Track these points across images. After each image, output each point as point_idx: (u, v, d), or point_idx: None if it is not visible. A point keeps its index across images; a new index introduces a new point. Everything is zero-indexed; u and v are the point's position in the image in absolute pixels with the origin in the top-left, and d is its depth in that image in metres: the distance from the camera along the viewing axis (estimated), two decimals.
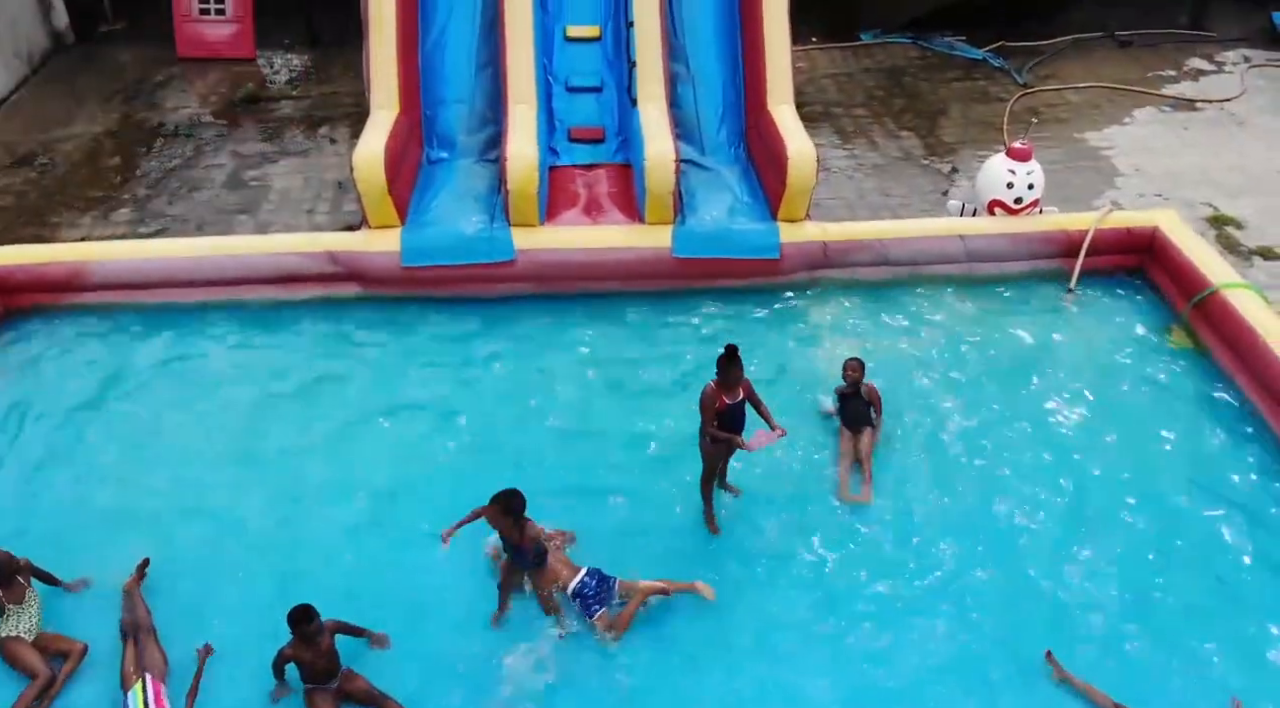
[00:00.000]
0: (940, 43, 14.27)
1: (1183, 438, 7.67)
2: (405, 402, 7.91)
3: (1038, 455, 7.49)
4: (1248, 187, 11.25)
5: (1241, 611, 6.36)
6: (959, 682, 5.96)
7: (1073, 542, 6.81)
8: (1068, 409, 7.94)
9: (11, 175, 11.20)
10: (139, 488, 7.16)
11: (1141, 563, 6.68)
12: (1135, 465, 7.40)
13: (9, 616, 6.08)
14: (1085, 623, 6.30)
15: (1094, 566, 6.65)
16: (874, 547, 6.79)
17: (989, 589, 6.50)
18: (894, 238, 8.96)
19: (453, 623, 6.23)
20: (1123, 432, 7.68)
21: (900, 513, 7.03)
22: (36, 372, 8.18)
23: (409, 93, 9.55)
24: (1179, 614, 6.36)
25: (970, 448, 7.55)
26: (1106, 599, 6.44)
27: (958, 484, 7.24)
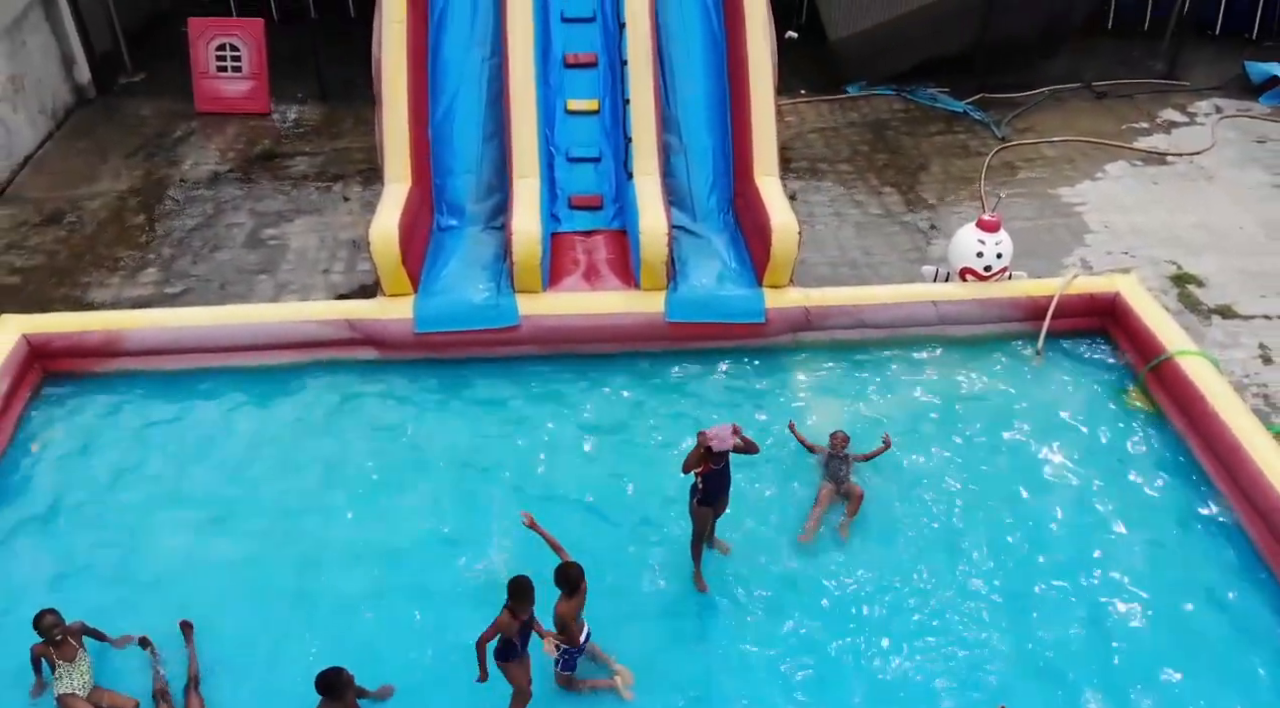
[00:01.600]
0: (923, 95, 14.94)
1: (1134, 495, 8.33)
2: (415, 461, 8.54)
3: (999, 509, 8.16)
4: (1211, 244, 11.91)
5: (1187, 649, 7.05)
6: None
7: (1028, 594, 7.49)
8: (1030, 465, 8.61)
9: (42, 233, 11.85)
10: (171, 545, 7.79)
11: (1094, 615, 7.35)
12: (1089, 522, 8.07)
13: (61, 674, 6.70)
14: (1038, 675, 6.95)
15: (1047, 616, 7.32)
16: (849, 598, 7.44)
17: (954, 633, 7.17)
18: (871, 304, 9.62)
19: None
20: (1078, 487, 8.34)
21: (871, 563, 7.69)
22: (73, 433, 8.82)
23: (420, 164, 10.22)
24: (1128, 660, 7.02)
25: (939, 499, 8.23)
26: (1058, 645, 7.10)
27: (926, 534, 7.92)
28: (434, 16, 10.98)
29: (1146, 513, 8.19)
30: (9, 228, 11.95)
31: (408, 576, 7.54)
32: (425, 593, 7.36)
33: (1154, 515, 8.18)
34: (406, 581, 7.51)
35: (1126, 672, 6.99)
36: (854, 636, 7.20)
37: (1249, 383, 9.85)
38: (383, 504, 8.15)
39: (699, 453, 7.01)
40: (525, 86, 10.21)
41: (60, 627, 6.68)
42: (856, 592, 7.52)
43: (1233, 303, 10.92)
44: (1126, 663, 7.04)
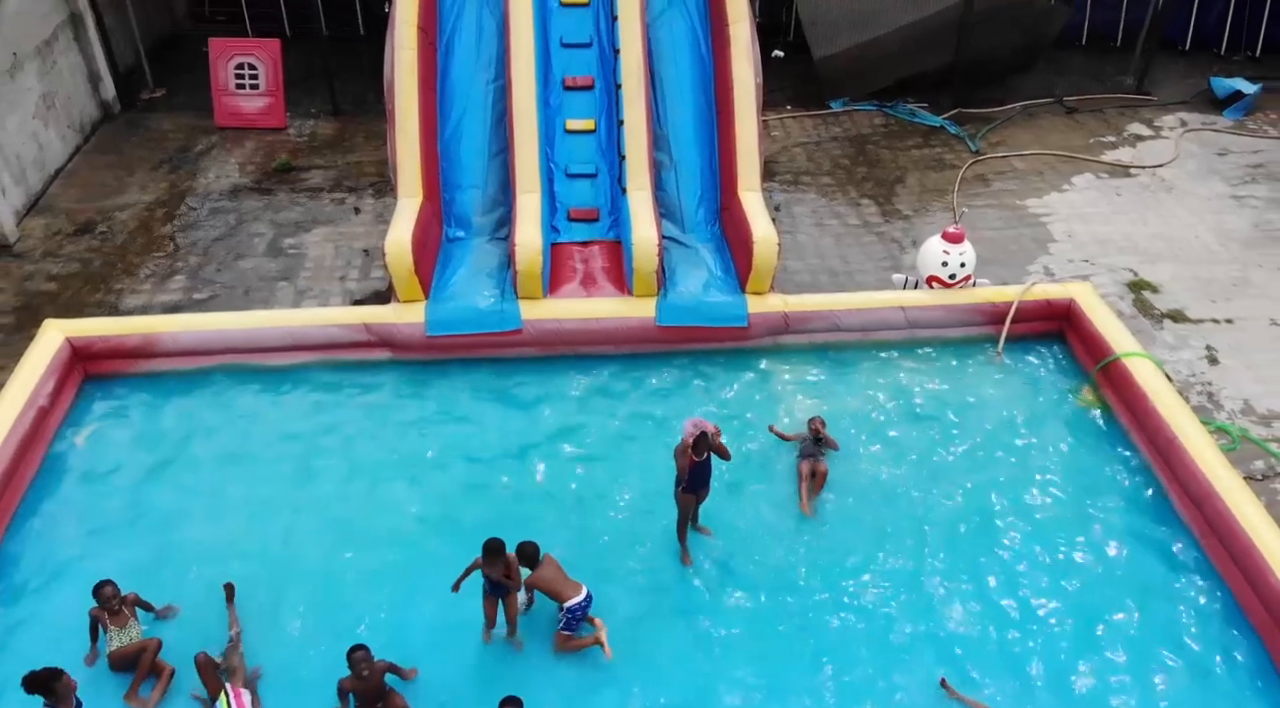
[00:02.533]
0: (903, 110, 15.79)
1: (1082, 483, 9.18)
2: (428, 453, 9.39)
3: (957, 493, 9.02)
4: (1167, 253, 12.75)
5: (1121, 603, 7.97)
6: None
7: (977, 567, 8.36)
8: (987, 456, 9.45)
9: (75, 243, 12.68)
10: (208, 527, 8.61)
11: (1035, 587, 8.20)
12: (1039, 505, 8.92)
13: (113, 637, 7.53)
14: (981, 644, 7.79)
15: (996, 588, 8.18)
16: (816, 572, 8.29)
17: (904, 604, 8.02)
18: (845, 309, 10.47)
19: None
20: (1031, 482, 9.18)
21: (837, 541, 8.56)
22: (114, 427, 9.66)
23: (430, 180, 11.05)
24: (1061, 631, 7.86)
25: (905, 483, 9.10)
26: (1001, 618, 7.95)
27: (891, 514, 8.80)
28: (442, 42, 11.83)
29: (1093, 497, 9.04)
30: (44, 237, 12.78)
31: (420, 553, 8.36)
32: (437, 566, 8.16)
33: (1100, 499, 9.03)
34: (419, 557, 8.32)
35: (1064, 632, 7.87)
36: (818, 604, 8.04)
37: (1194, 382, 10.69)
38: (397, 491, 8.99)
39: (684, 449, 7.85)
40: (527, 107, 11.05)
41: (117, 598, 7.51)
42: (822, 567, 8.35)
43: (1184, 308, 11.75)
44: (1063, 623, 7.94)
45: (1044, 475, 9.23)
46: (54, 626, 7.80)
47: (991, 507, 8.91)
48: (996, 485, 9.12)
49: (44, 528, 8.64)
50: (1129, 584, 8.30)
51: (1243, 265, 12.55)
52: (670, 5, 11.97)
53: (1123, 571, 8.44)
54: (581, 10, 11.93)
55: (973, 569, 8.37)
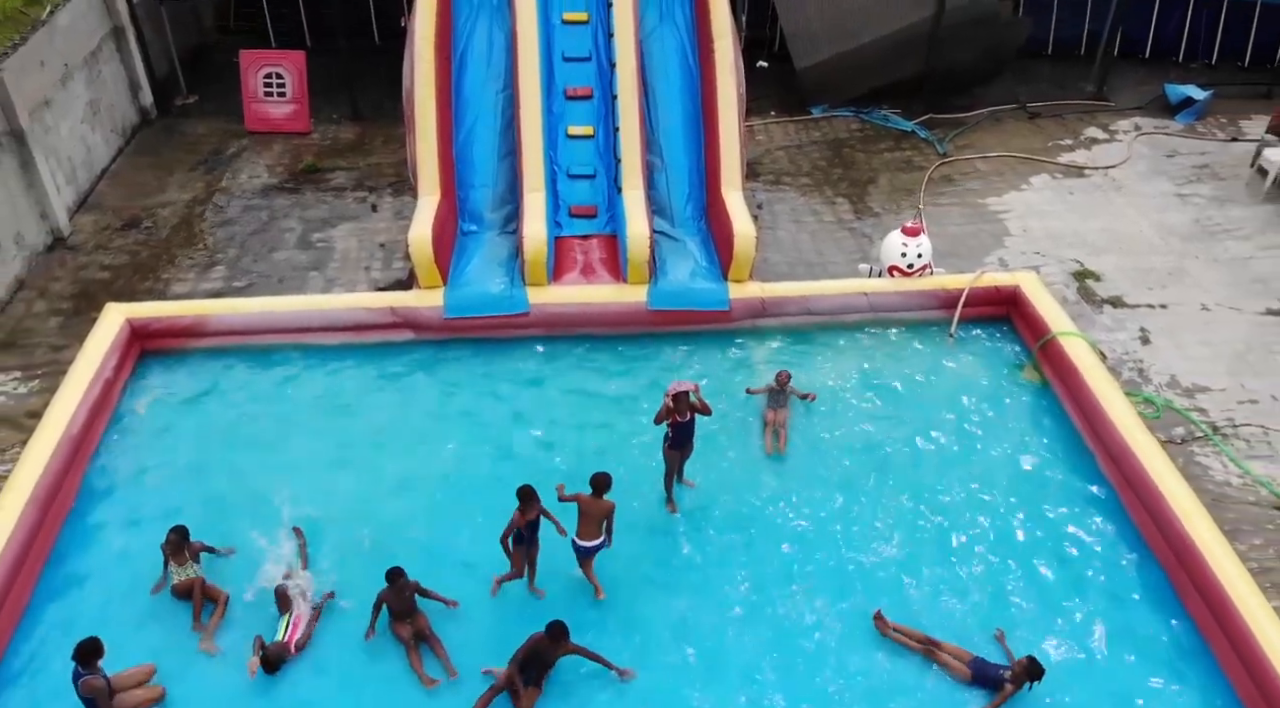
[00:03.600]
0: (877, 116, 17.11)
1: (1020, 444, 10.50)
2: (448, 419, 10.70)
3: (907, 449, 10.35)
4: (1112, 246, 14.08)
5: (1022, 563, 9.26)
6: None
7: (921, 507, 9.73)
8: (938, 423, 10.76)
9: (123, 237, 14.01)
10: (257, 478, 9.90)
11: (972, 525, 9.56)
12: (979, 467, 10.22)
13: (174, 572, 8.82)
14: (916, 580, 9.11)
15: (936, 525, 9.54)
16: (783, 515, 9.62)
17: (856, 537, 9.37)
18: (815, 295, 11.79)
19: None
20: (975, 441, 10.50)
21: (802, 490, 9.89)
22: (169, 396, 10.97)
23: (446, 180, 12.36)
24: (979, 573, 9.20)
25: (867, 446, 10.42)
26: (936, 560, 9.27)
27: (852, 467, 10.16)
28: (456, 56, 13.16)
29: (1029, 456, 10.37)
30: (94, 232, 14.11)
31: (448, 499, 9.70)
32: (463, 512, 9.48)
33: (1035, 458, 10.36)
34: (449, 501, 9.67)
35: (994, 563, 9.23)
36: (786, 542, 9.36)
37: (1128, 359, 12.03)
38: (420, 451, 10.29)
39: (666, 407, 9.17)
40: (533, 115, 12.38)
41: (181, 541, 8.80)
42: (788, 511, 9.67)
43: (1123, 294, 13.08)
44: (992, 555, 9.29)
45: (986, 437, 10.55)
46: (123, 553, 9.18)
47: (936, 461, 10.23)
48: (942, 445, 10.45)
49: (112, 479, 9.97)
50: (1057, 526, 9.62)
51: (1180, 257, 13.88)
52: (661, 22, 13.30)
53: (1052, 515, 9.76)
54: (582, 27, 13.26)
55: (917, 509, 9.72)
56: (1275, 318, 12.79)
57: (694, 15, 13.29)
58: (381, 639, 8.48)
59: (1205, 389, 11.62)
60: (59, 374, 11.12)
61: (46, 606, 8.73)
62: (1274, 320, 12.75)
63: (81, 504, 9.66)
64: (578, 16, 13.26)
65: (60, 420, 9.86)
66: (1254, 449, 10.90)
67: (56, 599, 8.80)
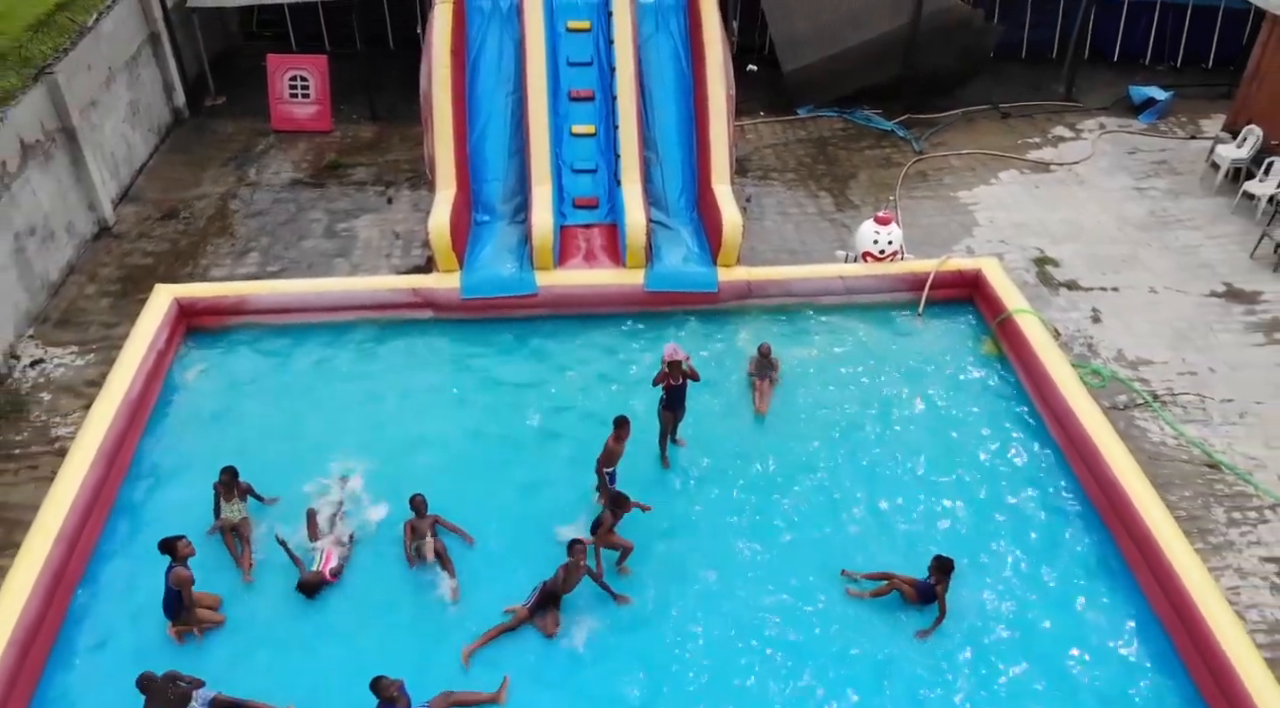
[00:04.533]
0: (859, 116, 18.35)
1: (980, 410, 11.73)
2: (463, 386, 11.92)
3: (882, 419, 11.56)
4: (1072, 235, 15.31)
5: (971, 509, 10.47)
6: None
7: (890, 458, 10.96)
8: (905, 390, 11.98)
9: (163, 226, 15.25)
10: (294, 438, 11.10)
11: (933, 480, 10.77)
12: (941, 428, 11.46)
13: (224, 509, 10.04)
14: (882, 521, 10.35)
15: (901, 475, 10.79)
16: (765, 472, 10.84)
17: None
18: (795, 278, 13.03)
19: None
20: (937, 406, 11.73)
21: (781, 451, 11.10)
22: (214, 367, 12.20)
23: (461, 175, 13.60)
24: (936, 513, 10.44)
25: (841, 409, 11.64)
26: (907, 496, 10.52)
27: (828, 431, 11.34)
28: (470, 61, 14.41)
29: (986, 420, 11.58)
30: (136, 222, 15.35)
31: (467, 455, 10.95)
32: (482, 465, 10.72)
33: (991, 421, 11.57)
34: (468, 457, 10.91)
35: (948, 508, 10.45)
36: (766, 496, 10.59)
37: (1079, 335, 13.26)
38: (441, 412, 11.53)
39: (663, 372, 10.41)
40: (540, 115, 13.62)
41: (234, 482, 10.03)
42: (769, 470, 10.90)
43: (1078, 278, 14.32)
44: (949, 501, 10.50)
45: (948, 402, 11.79)
46: (177, 498, 10.42)
47: (903, 423, 11.46)
48: (908, 408, 11.68)
49: (167, 437, 11.23)
50: (1009, 479, 10.85)
51: (1134, 245, 15.12)
52: (657, 31, 14.56)
53: (1005, 467, 11.00)
54: (584, 35, 14.51)
55: (885, 462, 10.97)
56: (1217, 299, 14.02)
57: (687, 24, 14.56)
58: (410, 573, 9.72)
59: (1148, 362, 12.86)
60: (111, 349, 12.42)
61: (114, 541, 9.99)
62: (1216, 301, 13.98)
63: (140, 458, 10.91)
64: (581, 25, 14.51)
65: (120, 386, 11.09)
66: (1190, 415, 12.14)
67: (123, 538, 10.04)
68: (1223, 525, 10.78)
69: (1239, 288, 14.23)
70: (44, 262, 13.59)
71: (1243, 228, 15.44)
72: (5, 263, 12.72)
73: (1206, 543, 10.54)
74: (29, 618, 8.76)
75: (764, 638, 9.27)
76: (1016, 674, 9.02)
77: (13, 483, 11.10)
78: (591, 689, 8.83)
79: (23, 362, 12.64)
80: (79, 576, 9.62)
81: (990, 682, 8.95)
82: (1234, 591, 10.09)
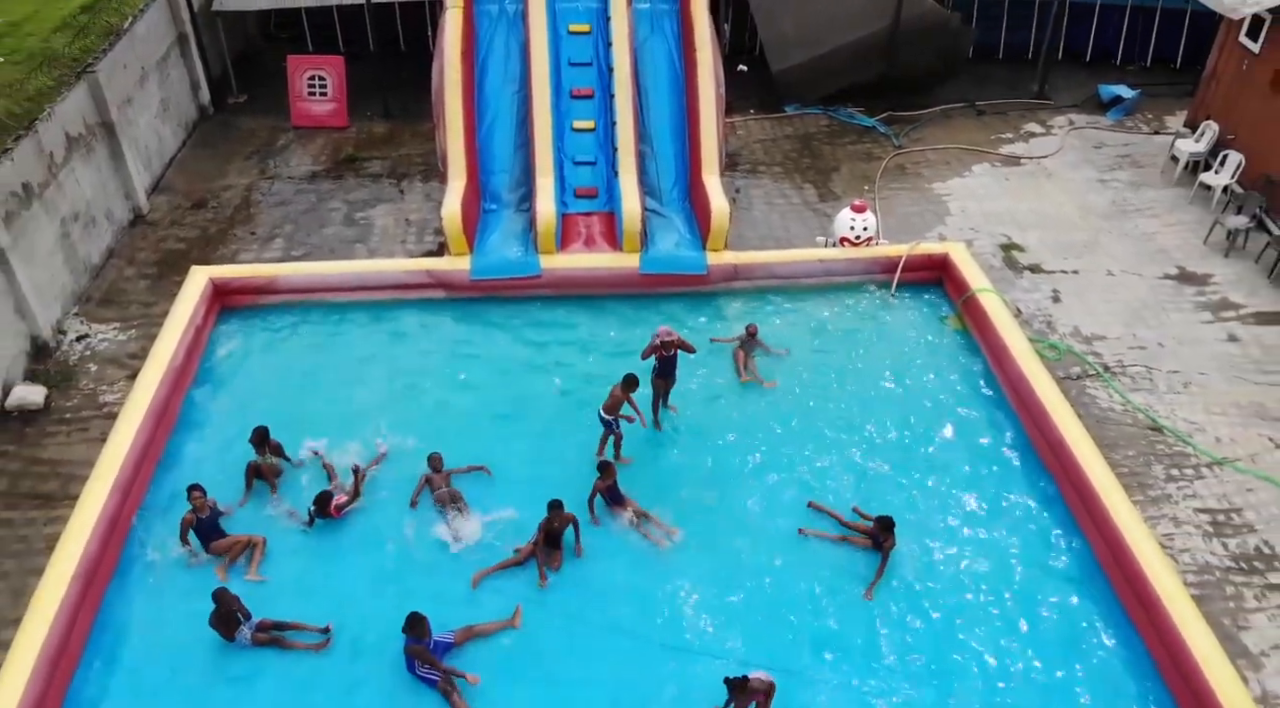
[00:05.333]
0: (843, 113, 19.51)
1: (944, 378, 12.89)
2: (473, 357, 13.08)
3: (857, 386, 12.71)
4: (1038, 223, 16.47)
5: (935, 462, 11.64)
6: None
7: (864, 420, 12.12)
8: (878, 361, 13.13)
9: (194, 215, 16.43)
10: (318, 404, 12.25)
11: (899, 441, 11.93)
12: (907, 394, 12.62)
13: (260, 460, 11.22)
14: (853, 473, 11.52)
15: (871, 434, 11.92)
16: (746, 437, 11.98)
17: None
18: (778, 262, 14.20)
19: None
20: (906, 375, 12.89)
21: (760, 418, 12.24)
22: (247, 341, 13.36)
23: (471, 166, 14.76)
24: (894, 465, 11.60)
25: (820, 378, 12.78)
26: (875, 450, 11.68)
27: (806, 398, 12.47)
28: (478, 62, 15.57)
29: (950, 387, 12.74)
30: (168, 210, 16.53)
31: (476, 416, 12.09)
32: (489, 424, 11.89)
33: (954, 389, 12.72)
34: (478, 418, 12.06)
35: (907, 462, 11.59)
36: (746, 456, 11.74)
37: (1040, 314, 14.42)
38: (451, 380, 12.69)
39: (653, 345, 11.57)
40: (544, 111, 14.78)
41: (266, 438, 11.18)
42: (753, 428, 12.06)
43: (1041, 262, 15.48)
44: (909, 460, 11.65)
45: (916, 372, 12.94)
46: (215, 453, 11.61)
47: (875, 390, 12.62)
48: (880, 378, 12.84)
49: (205, 401, 12.40)
50: (967, 437, 12.01)
51: (1095, 232, 16.28)
52: (652, 34, 15.73)
53: (964, 428, 12.14)
54: (584, 37, 15.68)
55: (859, 424, 12.11)
56: (1170, 281, 15.18)
57: (680, 28, 15.72)
58: (429, 515, 10.89)
59: (1102, 338, 14.02)
60: (150, 325, 13.64)
61: (165, 485, 11.18)
62: (1169, 283, 15.14)
63: (184, 418, 12.10)
64: (581, 28, 15.69)
65: (164, 355, 12.25)
66: (1138, 385, 13.30)
67: (169, 488, 11.19)
68: (1162, 481, 11.94)
69: (1191, 271, 15.39)
70: (87, 246, 14.77)
71: (1198, 216, 16.59)
72: (53, 247, 13.90)
73: (1146, 496, 11.70)
74: (92, 550, 9.93)
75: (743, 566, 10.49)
76: (969, 600, 10.16)
77: (66, 443, 12.28)
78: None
79: (70, 336, 13.82)
80: (135, 511, 10.81)
81: (943, 605, 10.10)
82: (1169, 537, 11.27)
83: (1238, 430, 12.61)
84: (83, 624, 9.68)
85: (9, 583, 10.65)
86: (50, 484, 11.74)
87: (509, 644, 9.73)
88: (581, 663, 9.61)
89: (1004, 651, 9.77)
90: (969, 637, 9.87)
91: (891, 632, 9.89)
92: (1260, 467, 12.13)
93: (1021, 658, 9.71)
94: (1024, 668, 9.62)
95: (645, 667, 9.57)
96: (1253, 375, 13.46)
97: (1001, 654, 9.74)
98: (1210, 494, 11.81)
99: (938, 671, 9.58)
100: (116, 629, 9.86)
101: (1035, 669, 9.62)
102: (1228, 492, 11.82)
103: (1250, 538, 11.30)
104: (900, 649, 9.76)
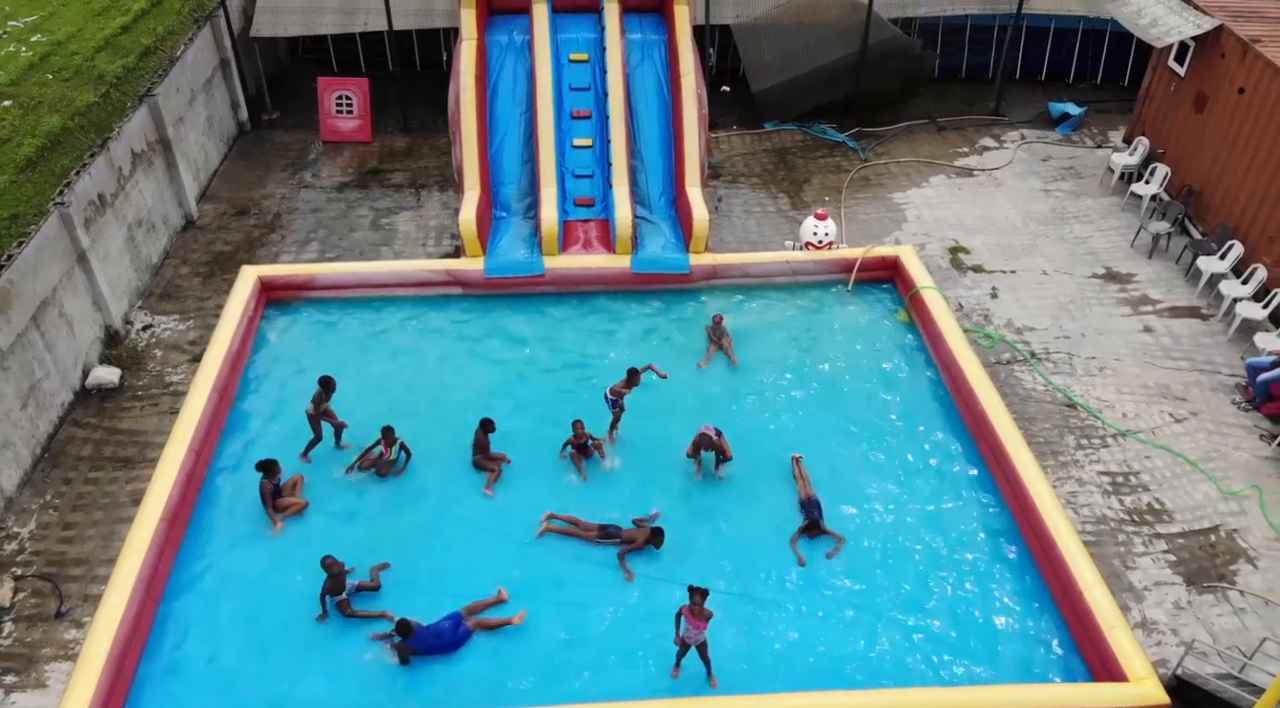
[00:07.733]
0: (817, 129, 21.64)
1: (891, 365, 15.01)
2: (489, 351, 15.21)
3: (816, 369, 14.82)
4: (984, 228, 18.59)
5: (886, 440, 13.74)
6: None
7: (822, 399, 14.21)
8: (836, 348, 15.26)
9: (238, 221, 18.58)
10: (354, 384, 14.35)
11: (853, 415, 14.04)
12: (859, 378, 14.75)
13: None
14: (809, 440, 13.63)
15: (823, 410, 14.04)
16: (715, 406, 14.09)
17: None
18: (751, 263, 16.34)
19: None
20: (860, 359, 15.02)
21: (726, 396, 14.35)
22: (287, 335, 15.49)
23: (484, 178, 16.91)
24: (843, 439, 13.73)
25: (783, 361, 14.89)
26: (832, 427, 13.80)
27: (770, 378, 14.58)
28: (490, 86, 17.72)
29: (896, 373, 14.85)
30: (215, 217, 18.68)
31: (493, 400, 14.17)
32: (508, 406, 14.01)
33: (899, 371, 14.83)
34: (496, 402, 14.13)
35: (853, 433, 13.70)
36: (724, 424, 13.84)
37: (979, 308, 16.54)
38: (471, 370, 14.81)
39: (696, 442, 13.44)
40: (548, 130, 16.93)
41: (333, 388, 13.24)
42: (729, 404, 14.17)
43: (983, 263, 17.60)
44: (865, 418, 13.75)
45: (868, 356, 15.07)
46: (269, 424, 13.71)
47: (832, 371, 14.74)
48: (837, 361, 14.97)
49: (258, 382, 14.54)
50: (907, 412, 14.11)
51: (1034, 236, 18.40)
52: (642, 62, 17.88)
53: (906, 405, 14.23)
54: (583, 65, 17.83)
55: (817, 398, 14.22)
56: (1097, 280, 17.29)
57: (667, 57, 17.87)
58: (463, 474, 13.02)
59: (1032, 329, 16.14)
60: (206, 316, 15.78)
61: (226, 451, 13.31)
62: (1096, 282, 17.25)
63: (241, 392, 14.24)
64: (581, 57, 17.84)
65: (224, 341, 14.40)
66: (1059, 368, 15.41)
67: (231, 449, 13.32)
68: (1071, 449, 14.06)
69: (1116, 270, 17.50)
70: (148, 248, 16.92)
71: (1128, 222, 18.70)
72: (121, 249, 16.05)
73: (1057, 461, 13.82)
74: (174, 499, 12.07)
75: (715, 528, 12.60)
76: (902, 543, 12.28)
77: (140, 416, 14.40)
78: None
79: (136, 326, 15.96)
80: (204, 472, 12.95)
81: (882, 552, 12.21)
82: (1073, 494, 13.37)
83: (1143, 407, 14.72)
84: (168, 557, 11.82)
85: (99, 530, 12.76)
86: (129, 450, 13.86)
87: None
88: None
89: (929, 583, 11.88)
90: (900, 575, 11.97)
91: (840, 568, 12.03)
92: (1159, 438, 14.24)
93: (943, 589, 11.82)
94: (949, 595, 11.70)
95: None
96: (1161, 361, 15.56)
97: (926, 586, 11.85)
98: (1113, 460, 13.91)
99: (875, 597, 11.70)
100: (193, 562, 12.00)
101: (956, 599, 11.71)
102: (1128, 458, 13.92)
103: (1144, 496, 13.39)
104: (846, 580, 11.90)
